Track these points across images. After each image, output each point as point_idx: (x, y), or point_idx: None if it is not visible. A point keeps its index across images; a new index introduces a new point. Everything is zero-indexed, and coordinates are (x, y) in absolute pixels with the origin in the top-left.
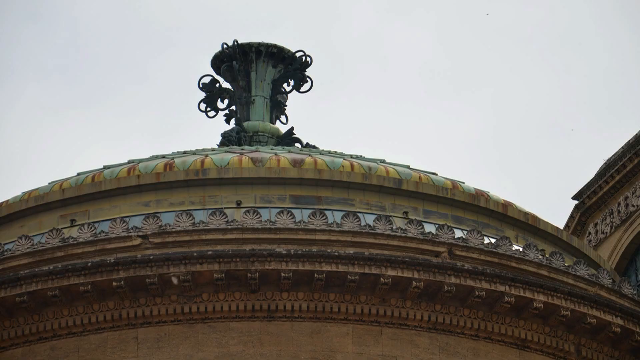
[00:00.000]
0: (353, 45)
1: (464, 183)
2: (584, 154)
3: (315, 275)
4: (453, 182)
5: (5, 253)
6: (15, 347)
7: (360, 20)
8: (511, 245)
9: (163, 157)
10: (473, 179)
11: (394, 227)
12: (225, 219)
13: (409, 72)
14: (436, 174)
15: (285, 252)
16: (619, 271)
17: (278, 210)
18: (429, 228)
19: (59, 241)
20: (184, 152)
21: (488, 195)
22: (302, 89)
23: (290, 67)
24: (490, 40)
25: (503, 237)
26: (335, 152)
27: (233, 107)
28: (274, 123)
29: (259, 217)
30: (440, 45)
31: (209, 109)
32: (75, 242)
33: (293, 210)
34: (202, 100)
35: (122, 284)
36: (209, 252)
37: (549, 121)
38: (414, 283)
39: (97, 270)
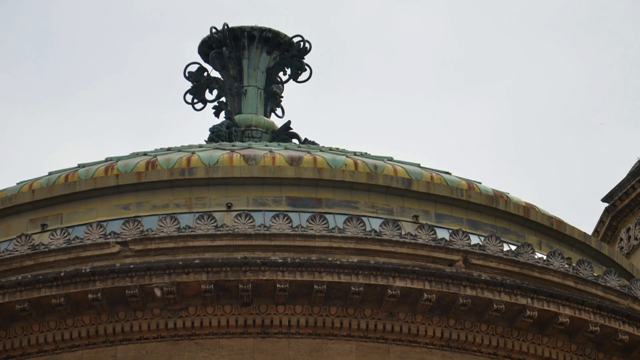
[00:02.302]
0: (356, 30)
1: (480, 183)
2: (614, 151)
3: (315, 286)
4: (468, 182)
5: None
6: None
7: (364, 3)
8: (533, 252)
9: (145, 154)
10: (490, 179)
11: (403, 233)
12: (214, 224)
13: (418, 61)
14: (450, 174)
15: (281, 260)
16: None
17: (273, 213)
18: (442, 234)
19: (28, 248)
20: (168, 149)
21: (507, 197)
22: (300, 79)
23: (287, 54)
24: (508, 26)
25: (524, 243)
26: (337, 149)
27: (223, 99)
28: (268, 116)
29: (251, 222)
30: (452, 31)
31: (196, 100)
32: (46, 249)
33: (290, 214)
34: (188, 91)
35: (99, 297)
36: (196, 261)
37: (575, 115)
38: (425, 295)
39: (70, 281)
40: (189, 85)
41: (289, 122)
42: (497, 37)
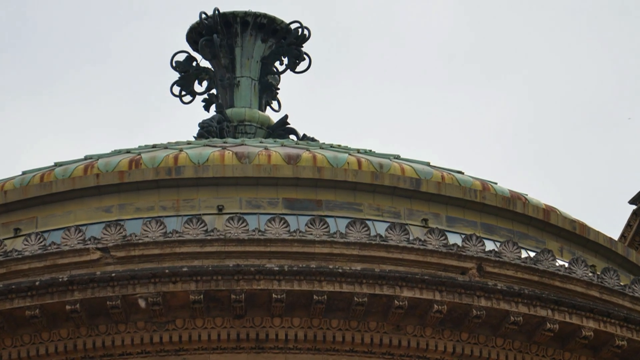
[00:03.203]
0: (360, 16)
1: (496, 184)
2: None
3: (315, 296)
4: (483, 182)
5: None
6: None
7: None
8: (554, 260)
9: (128, 152)
10: (507, 179)
11: (411, 238)
12: (204, 228)
13: (427, 50)
14: (462, 173)
15: (277, 268)
16: None
17: (269, 217)
18: (454, 239)
19: (0, 255)
20: (154, 146)
21: (526, 199)
22: (298, 69)
23: (284, 42)
24: (525, 11)
25: (544, 250)
26: (339, 146)
27: (213, 91)
28: (263, 110)
29: (245, 226)
30: (464, 18)
31: (184, 92)
32: (19, 255)
33: (287, 217)
34: (175, 83)
35: (78, 308)
36: (184, 269)
37: (600, 108)
38: (436, 306)
39: (46, 291)
40: (176, 76)
41: (286, 116)
42: (513, 24)
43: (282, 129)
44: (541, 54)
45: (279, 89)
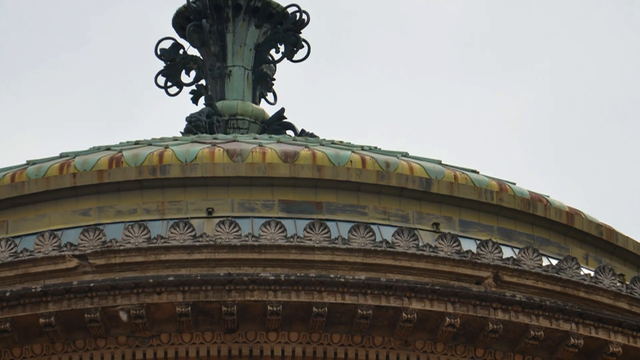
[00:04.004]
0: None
1: (514, 184)
2: None
3: (314, 308)
4: (500, 182)
5: None
6: None
7: None
8: (579, 268)
9: (108, 149)
10: (526, 179)
11: (421, 244)
12: (192, 233)
13: (438, 37)
14: (477, 172)
15: (272, 277)
16: None
17: (263, 220)
18: (468, 245)
19: None
20: (136, 143)
21: (547, 201)
22: (296, 58)
23: (280, 28)
24: None
25: (568, 257)
26: (341, 142)
27: (202, 82)
28: (258, 103)
29: (237, 231)
30: (480, 0)
31: (169, 83)
32: None
33: (284, 221)
34: (160, 72)
35: (53, 321)
36: (170, 278)
37: (628, 102)
38: (448, 320)
39: (18, 303)
40: (161, 65)
41: (283, 109)
42: (533, 8)
43: (278, 124)
44: (565, 41)
45: (274, 79)
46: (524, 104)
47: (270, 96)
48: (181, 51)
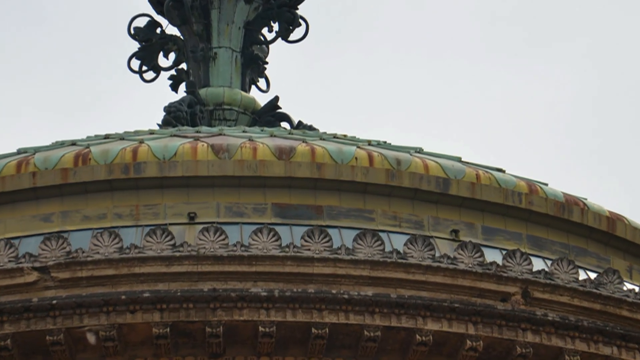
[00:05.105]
0: None
1: (546, 185)
2: None
3: (313, 330)
4: (530, 183)
5: None
6: None
7: None
8: (621, 282)
9: (73, 144)
10: (560, 179)
11: (437, 255)
12: (171, 242)
13: (457, 11)
14: (503, 171)
15: (265, 294)
16: None
17: (254, 227)
18: (492, 256)
19: None
20: (106, 137)
21: (585, 204)
22: (292, 38)
23: (274, 3)
24: None
25: (609, 269)
26: (344, 136)
27: (183, 66)
28: (248, 91)
29: (223, 239)
30: None
31: (145, 68)
32: None
33: (278, 228)
34: (134, 55)
35: (9, 344)
36: (146, 295)
37: None
38: (469, 343)
39: None
40: (135, 46)
41: (277, 98)
42: None
43: (271, 115)
44: (608, 16)
45: (267, 63)
46: (559, 90)
47: (262, 82)
48: (158, 30)
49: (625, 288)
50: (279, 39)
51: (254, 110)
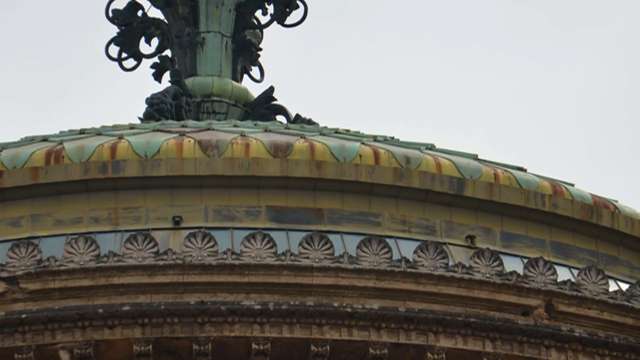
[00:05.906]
0: None
1: (572, 186)
2: None
3: (313, 347)
4: (554, 183)
5: None
6: None
7: None
8: None
9: (44, 140)
10: (588, 179)
11: (451, 264)
12: (154, 249)
13: None
14: (524, 170)
15: (259, 307)
16: None
17: (247, 233)
18: (513, 264)
19: None
20: (81, 132)
21: (615, 207)
22: (289, 22)
23: None
24: None
25: None
26: (348, 131)
27: (167, 53)
28: (239, 81)
29: (212, 246)
30: None
31: (125, 55)
32: None
33: (273, 234)
34: (112, 40)
35: None
36: (126, 308)
37: None
38: None
39: None
40: (114, 31)
41: (272, 88)
42: None
43: (265, 107)
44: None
45: (261, 49)
46: (587, 79)
47: (255, 71)
48: (140, 12)
49: None
50: (274, 22)
51: (246, 102)
